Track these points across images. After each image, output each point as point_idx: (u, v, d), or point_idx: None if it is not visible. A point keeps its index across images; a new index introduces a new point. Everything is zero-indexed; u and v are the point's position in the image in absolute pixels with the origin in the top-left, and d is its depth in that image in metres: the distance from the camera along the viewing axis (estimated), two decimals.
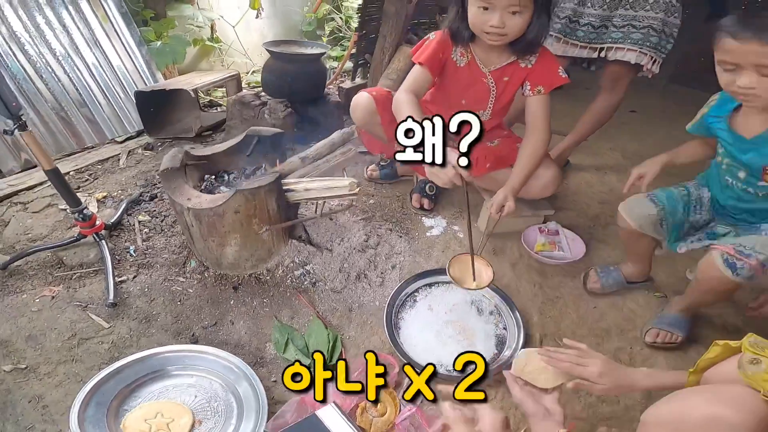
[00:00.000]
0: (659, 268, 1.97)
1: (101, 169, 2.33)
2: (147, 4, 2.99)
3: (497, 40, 1.57)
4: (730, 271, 1.29)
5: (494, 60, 1.73)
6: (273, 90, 2.57)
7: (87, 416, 1.19)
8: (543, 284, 1.86)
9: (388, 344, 1.51)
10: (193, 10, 3.11)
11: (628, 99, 3.80)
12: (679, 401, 0.87)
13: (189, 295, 1.63)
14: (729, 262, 1.29)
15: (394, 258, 1.85)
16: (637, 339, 1.68)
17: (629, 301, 1.83)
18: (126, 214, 1.92)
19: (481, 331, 1.62)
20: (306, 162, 1.76)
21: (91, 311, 1.54)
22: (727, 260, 1.30)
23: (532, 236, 2.02)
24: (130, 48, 2.67)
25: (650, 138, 3.27)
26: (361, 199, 2.17)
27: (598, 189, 2.59)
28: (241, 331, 1.55)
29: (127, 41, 2.65)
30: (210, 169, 1.74)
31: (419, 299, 1.70)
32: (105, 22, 2.54)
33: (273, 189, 1.49)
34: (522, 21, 1.51)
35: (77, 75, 2.45)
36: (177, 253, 1.75)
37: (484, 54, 1.74)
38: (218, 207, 1.43)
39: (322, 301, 1.66)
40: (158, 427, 1.21)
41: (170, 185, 1.49)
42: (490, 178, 1.99)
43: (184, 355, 1.39)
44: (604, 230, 2.23)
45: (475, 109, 1.90)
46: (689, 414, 0.81)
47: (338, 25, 4.14)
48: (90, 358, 1.40)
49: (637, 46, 2.02)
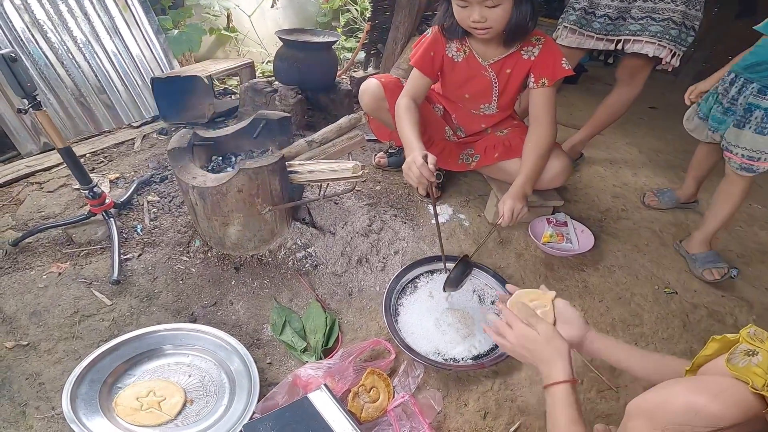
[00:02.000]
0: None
1: (116, 152, 2.38)
2: None
3: (485, 34, 1.55)
4: (747, 172, 1.74)
5: (493, 52, 1.71)
6: (284, 77, 2.60)
7: (80, 393, 1.20)
8: (549, 276, 1.83)
9: (386, 330, 1.50)
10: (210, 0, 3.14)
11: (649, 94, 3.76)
12: (661, 390, 0.85)
13: (191, 274, 1.64)
14: (744, 166, 1.73)
15: (397, 243, 1.84)
16: (643, 335, 1.65)
17: (637, 297, 1.79)
18: (136, 194, 1.95)
19: (481, 321, 1.59)
20: (312, 145, 1.77)
21: (95, 288, 1.57)
22: (742, 166, 1.73)
23: (539, 227, 1.98)
24: (149, 36, 2.72)
25: (669, 134, 3.19)
26: (368, 185, 2.17)
27: (611, 183, 2.53)
28: (239, 311, 1.56)
29: (145, 29, 2.70)
30: (218, 150, 1.76)
31: (420, 285, 1.69)
32: (125, 10, 2.60)
33: (276, 169, 1.50)
34: (503, 12, 1.48)
35: (97, 62, 2.50)
36: (182, 232, 1.78)
37: (481, 47, 1.72)
38: (221, 185, 1.44)
39: (323, 285, 1.66)
40: (149, 405, 1.22)
41: (177, 164, 1.51)
42: (498, 168, 1.98)
43: (182, 334, 1.40)
44: (615, 224, 2.19)
45: (479, 103, 1.89)
46: (670, 402, 0.79)
47: (353, 17, 4.15)
48: (90, 335, 1.42)
49: (656, 39, 1.96)
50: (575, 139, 2.55)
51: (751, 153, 1.70)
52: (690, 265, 1.98)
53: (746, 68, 1.73)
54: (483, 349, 1.50)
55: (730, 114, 1.79)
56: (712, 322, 1.74)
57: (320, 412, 1.21)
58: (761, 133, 1.66)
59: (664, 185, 2.52)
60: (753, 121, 1.67)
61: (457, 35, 1.67)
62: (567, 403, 0.93)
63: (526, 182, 1.69)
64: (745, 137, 1.70)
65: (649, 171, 2.72)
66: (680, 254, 2.05)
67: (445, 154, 2.02)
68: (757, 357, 0.78)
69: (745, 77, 1.73)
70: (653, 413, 0.81)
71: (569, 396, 0.94)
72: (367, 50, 3.54)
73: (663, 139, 3.17)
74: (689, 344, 1.63)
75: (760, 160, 1.69)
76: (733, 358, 0.83)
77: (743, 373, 0.76)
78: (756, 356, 0.79)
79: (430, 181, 1.48)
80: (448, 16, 1.62)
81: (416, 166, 1.47)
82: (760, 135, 1.66)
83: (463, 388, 1.41)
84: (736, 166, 1.76)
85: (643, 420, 0.83)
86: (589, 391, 1.44)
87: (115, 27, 2.57)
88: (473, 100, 1.90)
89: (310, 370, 1.31)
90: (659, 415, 0.80)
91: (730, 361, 0.82)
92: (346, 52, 4.00)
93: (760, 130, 1.66)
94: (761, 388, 0.73)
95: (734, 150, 1.75)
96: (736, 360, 0.82)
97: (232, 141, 1.76)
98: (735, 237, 2.26)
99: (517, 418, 1.34)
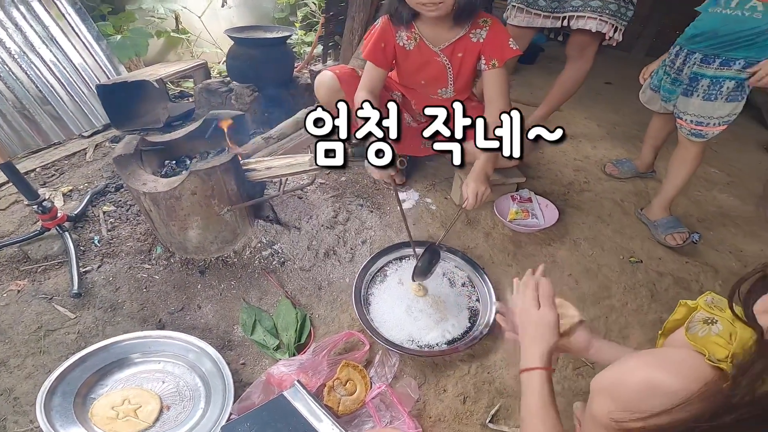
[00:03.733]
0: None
1: (68, 164, 2.29)
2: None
3: (435, 10, 1.54)
4: (698, 137, 1.82)
5: (443, 37, 1.71)
6: (238, 76, 2.57)
7: (53, 406, 1.18)
8: (517, 253, 1.85)
9: (358, 322, 1.50)
10: (153, 2, 3.06)
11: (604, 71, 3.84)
12: (619, 365, 0.80)
13: (154, 281, 1.60)
14: (694, 132, 1.81)
15: (365, 233, 1.82)
16: (613, 307, 1.68)
17: (604, 268, 1.83)
18: (91, 206, 1.88)
19: (453, 305, 1.60)
20: (270, 142, 1.74)
21: (56, 303, 1.53)
22: (692, 132, 1.81)
23: (504, 205, 2.00)
24: (89, 43, 2.64)
25: (625, 108, 3.27)
26: (333, 177, 2.15)
27: (572, 157, 2.58)
28: (208, 314, 1.53)
29: (84, 37, 2.62)
30: (171, 155, 1.71)
31: (389, 273, 1.68)
32: (60, 19, 2.52)
33: (229, 168, 1.47)
34: None
35: (36, 73, 2.40)
36: (142, 240, 1.72)
37: (431, 32, 1.71)
38: (174, 189, 1.40)
39: (291, 281, 1.64)
40: (125, 414, 1.21)
41: (125, 171, 1.46)
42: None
43: (150, 341, 1.38)
44: (578, 196, 2.23)
45: (436, 88, 1.90)
46: (627, 379, 0.76)
47: (311, 10, 4.09)
48: (57, 349, 1.40)
49: (596, 14, 2.01)
50: (535, 117, 2.58)
51: (699, 119, 1.77)
52: (652, 232, 2.03)
53: (688, 40, 1.80)
54: (457, 333, 1.51)
55: (678, 84, 1.86)
56: (678, 290, 1.79)
57: (297, 409, 1.20)
58: (708, 99, 1.73)
59: (622, 156, 2.59)
60: (700, 89, 1.75)
61: (405, 20, 1.66)
62: (539, 388, 0.90)
63: (486, 163, 1.70)
64: (694, 104, 1.77)
65: (608, 143, 2.79)
66: (642, 222, 2.10)
67: (406, 140, 2.02)
68: (717, 326, 0.76)
69: (688, 48, 1.80)
70: (612, 391, 0.78)
71: (543, 383, 0.90)
72: (324, 43, 3.49)
73: (619, 113, 3.25)
74: (658, 314, 1.67)
75: (708, 125, 1.77)
76: (692, 327, 0.80)
77: (702, 344, 0.73)
78: (715, 325, 0.76)
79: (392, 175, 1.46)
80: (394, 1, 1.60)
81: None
82: (707, 101, 1.74)
83: (440, 374, 1.42)
84: (687, 132, 1.83)
85: (605, 397, 0.79)
86: (565, 369, 1.45)
87: (50, 36, 2.48)
88: (430, 86, 1.91)
89: (282, 367, 1.30)
90: (618, 392, 0.76)
91: (689, 330, 0.80)
92: (306, 47, 3.94)
93: (707, 97, 1.73)
94: (723, 360, 0.69)
95: (684, 117, 1.82)
96: (695, 329, 0.79)
97: (186, 144, 1.72)
98: (694, 202, 2.33)
99: (497, 400, 1.35)
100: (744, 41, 1.62)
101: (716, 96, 1.71)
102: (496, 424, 1.30)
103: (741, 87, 1.69)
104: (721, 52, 1.68)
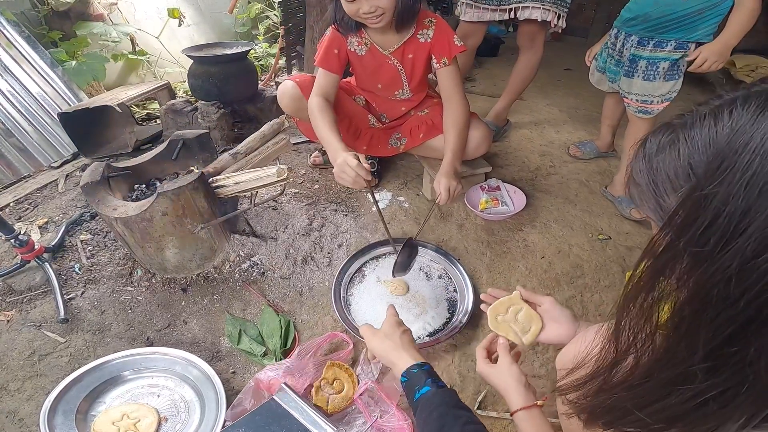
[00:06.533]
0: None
1: (41, 197, 2.28)
2: (51, 26, 2.93)
3: (378, 22, 1.60)
4: (645, 114, 1.89)
5: (391, 41, 1.77)
6: (202, 94, 2.57)
7: (56, 424, 1.23)
8: (490, 241, 1.91)
9: (340, 323, 1.54)
10: (105, 27, 3.04)
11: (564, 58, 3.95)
12: (579, 342, 0.80)
13: (138, 302, 1.63)
14: (641, 110, 1.88)
15: (340, 237, 1.87)
16: (587, 286, 1.73)
17: (575, 248, 1.89)
18: (67, 236, 1.90)
19: (431, 297, 1.65)
20: (238, 157, 1.77)
21: (45, 329, 1.56)
22: (639, 110, 1.89)
23: (474, 195, 2.07)
24: (44, 71, 2.61)
25: (584, 92, 3.37)
26: (306, 185, 2.19)
27: (537, 143, 2.66)
28: (195, 329, 1.56)
29: (38, 64, 2.59)
30: (140, 178, 1.73)
31: (367, 273, 1.73)
32: (9, 48, 2.49)
33: (198, 187, 1.50)
34: None
35: None
36: (122, 264, 1.74)
37: (379, 37, 1.77)
38: (144, 212, 1.43)
39: (272, 290, 1.68)
40: (126, 428, 1.24)
41: (94, 198, 1.48)
42: (427, 147, 2.04)
43: (141, 358, 1.42)
44: (545, 180, 2.31)
45: (393, 90, 1.96)
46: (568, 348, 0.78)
47: (273, 22, 4.11)
48: (52, 372, 1.44)
49: (539, 3, 2.10)
50: (498, 107, 2.66)
51: (644, 97, 1.86)
52: (618, 207, 2.11)
53: (624, 23, 1.90)
54: (437, 324, 1.56)
55: (621, 66, 1.95)
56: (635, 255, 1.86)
57: (289, 411, 1.24)
58: (648, 80, 1.82)
59: (584, 138, 2.68)
60: (639, 70, 1.84)
61: (353, 29, 1.72)
62: (530, 426, 0.89)
63: (453, 159, 1.76)
64: (636, 84, 1.87)
65: (570, 127, 2.88)
66: (608, 199, 2.18)
67: (374, 141, 2.07)
68: None
69: (625, 31, 1.89)
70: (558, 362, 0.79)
71: (530, 419, 0.89)
72: (287, 54, 3.52)
73: (579, 97, 3.35)
74: None
75: (653, 102, 1.86)
76: None
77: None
78: None
79: (367, 180, 1.50)
80: (339, 11, 1.66)
81: (351, 167, 1.48)
82: (647, 81, 1.83)
83: None
84: (634, 110, 1.93)
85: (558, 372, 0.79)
86: (546, 351, 1.49)
87: (3, 66, 2.45)
88: (386, 89, 1.97)
89: (269, 372, 1.33)
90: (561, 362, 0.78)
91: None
92: (272, 59, 3.95)
93: (647, 77, 1.83)
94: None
95: (629, 96, 1.91)
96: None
97: (153, 167, 1.73)
98: None
99: (483, 387, 1.39)
100: (673, 23, 1.72)
101: (654, 76, 1.81)
102: (483, 410, 1.33)
103: (676, 66, 1.79)
104: (655, 35, 1.77)
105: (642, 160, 0.57)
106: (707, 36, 1.72)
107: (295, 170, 2.33)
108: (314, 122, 1.75)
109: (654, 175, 0.54)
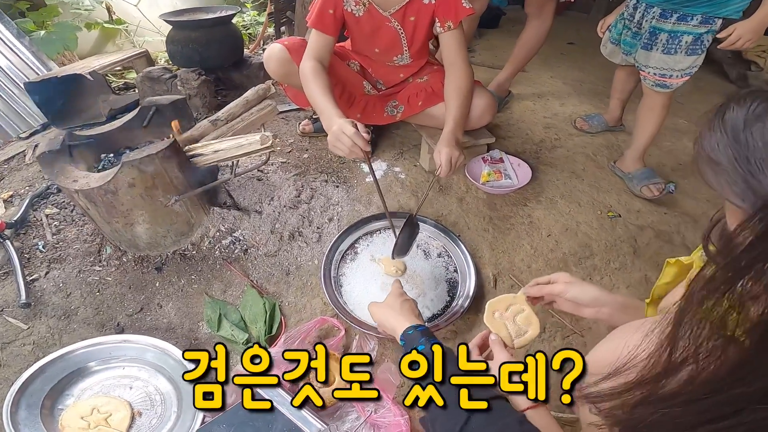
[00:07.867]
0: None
1: (7, 168, 2.11)
2: None
3: None
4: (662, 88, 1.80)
5: (392, 0, 1.62)
6: (182, 60, 2.45)
7: (20, 420, 1.14)
8: (493, 217, 1.78)
9: (330, 306, 1.41)
10: None
11: (566, 32, 3.81)
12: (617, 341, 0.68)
13: (108, 283, 1.48)
14: (659, 83, 1.79)
15: (331, 210, 1.72)
16: (596, 267, 1.63)
17: (583, 225, 1.77)
18: (32, 210, 1.74)
19: (430, 278, 1.53)
20: (218, 124, 1.61)
21: (7, 314, 1.42)
22: (657, 83, 1.80)
23: (476, 167, 1.92)
24: (10, 41, 2.49)
25: (588, 65, 3.26)
26: (295, 154, 2.04)
27: (541, 115, 2.52)
28: (170, 313, 1.43)
29: (4, 35, 2.46)
30: (109, 148, 1.56)
31: (360, 251, 1.59)
32: None
33: (170, 155, 1.34)
34: None
35: None
36: (90, 242, 1.59)
37: None
38: (107, 184, 1.28)
39: (256, 268, 1.54)
40: (96, 423, 1.16)
41: (51, 169, 1.32)
42: (426, 115, 1.91)
43: (110, 347, 1.30)
44: (550, 153, 2.17)
45: (391, 55, 1.83)
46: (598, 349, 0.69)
47: None
48: (15, 362, 1.32)
49: None
50: (500, 78, 2.53)
51: (662, 71, 1.76)
52: (628, 184, 1.99)
53: None
54: (437, 309, 1.44)
55: (638, 38, 1.84)
56: (660, 243, 1.75)
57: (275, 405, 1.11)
58: (668, 53, 1.72)
59: (590, 111, 2.54)
60: (659, 44, 1.74)
61: None
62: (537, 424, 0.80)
63: (455, 127, 1.62)
64: (654, 58, 1.76)
65: (575, 100, 2.74)
66: (617, 175, 2.06)
67: (369, 109, 1.93)
68: None
69: (647, 3, 1.78)
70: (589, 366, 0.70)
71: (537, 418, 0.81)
72: (276, 20, 3.34)
73: (584, 70, 3.21)
74: (643, 272, 1.62)
75: (672, 77, 1.76)
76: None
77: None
78: None
79: (365, 150, 1.35)
80: None
81: (347, 136, 1.33)
82: (667, 55, 1.73)
83: None
84: (651, 84, 1.82)
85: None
86: (553, 339, 1.40)
87: None
88: (384, 53, 1.82)
89: None
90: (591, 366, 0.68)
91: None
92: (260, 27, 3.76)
93: (667, 51, 1.72)
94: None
95: (647, 69, 1.80)
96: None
97: (123, 135, 1.57)
98: (666, 152, 2.30)
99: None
100: None
101: (676, 50, 1.71)
102: None
103: (700, 41, 1.68)
104: (679, 7, 1.66)
105: (722, 133, 0.51)
106: (737, 12, 1.62)
107: (282, 138, 2.17)
108: (307, 87, 1.59)
109: (744, 151, 0.49)
